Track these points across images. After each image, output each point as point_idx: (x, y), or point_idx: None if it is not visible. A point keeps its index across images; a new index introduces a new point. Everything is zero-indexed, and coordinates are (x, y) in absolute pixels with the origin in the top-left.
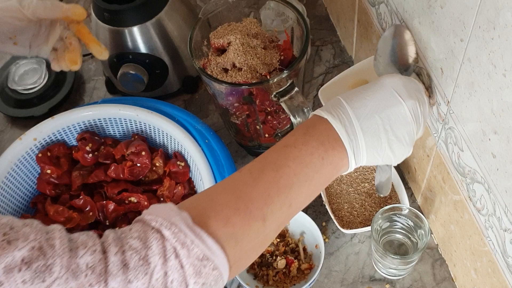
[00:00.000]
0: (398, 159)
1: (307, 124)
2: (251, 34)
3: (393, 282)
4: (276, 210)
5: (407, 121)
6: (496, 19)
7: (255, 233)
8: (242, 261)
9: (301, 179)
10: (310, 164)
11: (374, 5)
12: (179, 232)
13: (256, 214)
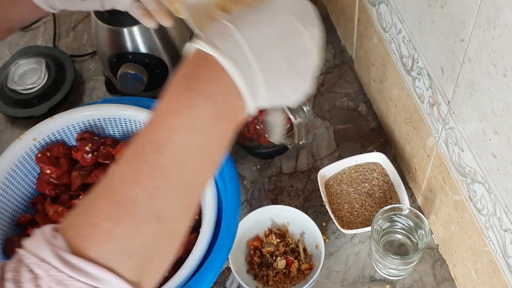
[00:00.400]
0: (299, 97)
1: (189, 70)
2: None
3: (393, 282)
4: (169, 199)
5: (308, 53)
6: (496, 19)
7: (151, 237)
8: (154, 269)
9: (193, 152)
10: (201, 131)
11: (375, 4)
12: (52, 269)
13: (144, 215)
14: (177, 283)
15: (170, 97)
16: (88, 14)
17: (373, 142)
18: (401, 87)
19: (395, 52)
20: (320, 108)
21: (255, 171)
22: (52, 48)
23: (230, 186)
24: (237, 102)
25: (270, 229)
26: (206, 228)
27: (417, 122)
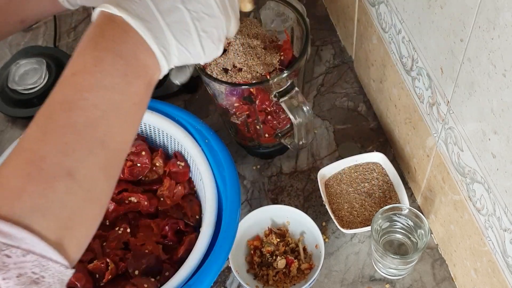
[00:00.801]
0: (208, 57)
1: (95, 30)
2: (251, 34)
3: (393, 282)
4: (84, 157)
5: (214, 14)
6: (496, 19)
7: (66, 194)
8: (77, 232)
9: (106, 108)
10: (112, 88)
11: (374, 5)
12: None
13: (55, 171)
14: (177, 283)
15: (77, 58)
16: (88, 14)
17: (373, 142)
18: (400, 87)
19: (395, 52)
20: (320, 108)
21: (255, 171)
22: (53, 48)
23: (230, 186)
24: (149, 60)
25: (270, 229)
26: (206, 228)
27: (417, 122)
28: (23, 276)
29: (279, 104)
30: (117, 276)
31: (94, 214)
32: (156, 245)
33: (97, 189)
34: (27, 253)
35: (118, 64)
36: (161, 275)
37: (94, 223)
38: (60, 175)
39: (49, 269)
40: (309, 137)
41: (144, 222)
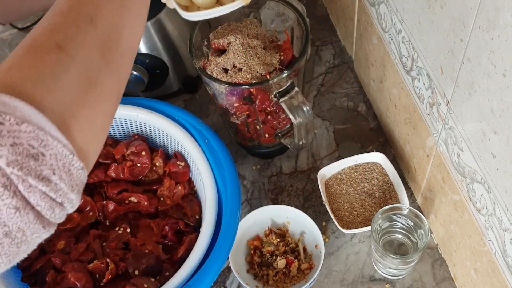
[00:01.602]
0: None
1: None
2: (251, 34)
3: (393, 282)
4: (72, 32)
5: None
6: (496, 19)
7: (57, 65)
8: (77, 111)
9: None
10: None
11: (374, 5)
12: None
13: (43, 46)
14: (177, 283)
15: None
16: None
17: (373, 142)
18: (400, 87)
19: (395, 52)
20: (320, 108)
21: (255, 171)
22: None
23: (230, 186)
24: None
25: (270, 229)
26: (206, 228)
27: (417, 122)
28: (19, 146)
29: (279, 104)
30: (117, 276)
31: (97, 100)
32: (156, 245)
33: (94, 68)
34: (22, 122)
35: None
36: (161, 275)
37: (101, 114)
38: (49, 48)
39: (49, 146)
40: (309, 137)
41: (144, 222)
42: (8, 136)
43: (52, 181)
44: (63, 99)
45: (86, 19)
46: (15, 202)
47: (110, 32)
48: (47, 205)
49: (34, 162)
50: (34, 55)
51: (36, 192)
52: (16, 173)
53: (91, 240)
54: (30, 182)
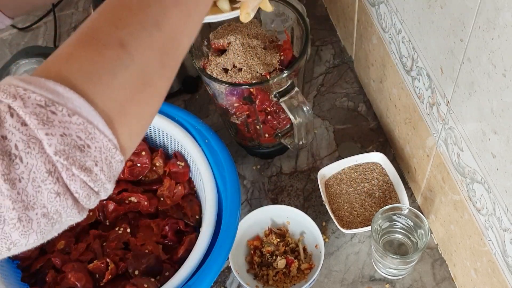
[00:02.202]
0: None
1: None
2: (251, 34)
3: (393, 282)
4: (137, 31)
5: None
6: (496, 19)
7: (116, 63)
8: (128, 109)
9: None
10: None
11: (374, 5)
12: (8, 88)
13: (106, 40)
14: (177, 283)
15: None
16: (88, 14)
17: (373, 142)
18: (400, 87)
19: (395, 52)
20: (320, 108)
21: (255, 171)
22: (53, 49)
23: (230, 186)
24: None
25: (270, 229)
26: (206, 228)
27: (417, 122)
28: (67, 137)
29: (279, 104)
30: (117, 276)
31: (148, 101)
32: (156, 245)
33: (151, 71)
34: (73, 114)
35: None
36: (161, 275)
37: (148, 113)
38: (111, 44)
39: (95, 140)
40: (309, 137)
41: (144, 222)
42: (59, 126)
43: (93, 172)
44: (116, 97)
45: (153, 22)
46: (57, 187)
47: (172, 38)
48: (85, 193)
49: (80, 153)
50: (95, 48)
51: (77, 181)
52: (62, 162)
53: (91, 240)
54: (73, 171)
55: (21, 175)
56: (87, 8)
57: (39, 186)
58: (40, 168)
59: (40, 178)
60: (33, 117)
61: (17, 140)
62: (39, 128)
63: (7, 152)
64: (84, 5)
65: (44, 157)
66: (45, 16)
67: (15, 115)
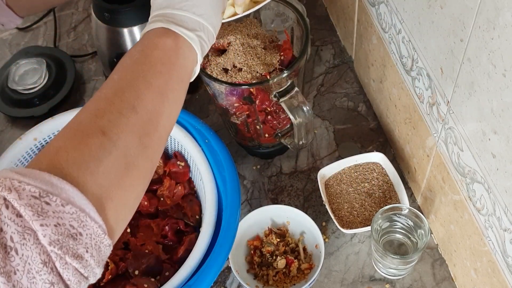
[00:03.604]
0: None
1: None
2: (251, 34)
3: (393, 282)
4: (115, 118)
5: None
6: (496, 19)
7: (100, 149)
8: (114, 193)
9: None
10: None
11: (374, 5)
12: (4, 181)
13: (89, 130)
14: (177, 283)
15: None
16: (88, 15)
17: (373, 142)
18: (400, 87)
19: (395, 52)
20: (320, 108)
21: (255, 171)
22: (53, 48)
23: (230, 186)
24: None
25: (270, 229)
26: (206, 228)
27: (417, 122)
28: (61, 226)
29: (279, 104)
30: (117, 276)
31: (132, 183)
32: (156, 245)
33: (133, 153)
34: (66, 203)
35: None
36: (161, 275)
37: (133, 197)
38: (94, 133)
39: (87, 227)
40: (309, 137)
41: (144, 222)
42: (53, 216)
43: (84, 259)
44: (103, 182)
45: (128, 107)
46: (51, 277)
47: (149, 119)
48: (76, 279)
49: (73, 241)
50: (80, 139)
51: (69, 269)
52: (56, 251)
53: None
54: (67, 260)
55: (17, 267)
56: (87, 8)
57: (33, 277)
58: (35, 259)
59: (35, 269)
60: (28, 208)
61: (12, 232)
62: (34, 219)
63: (3, 245)
64: (84, 5)
65: (39, 248)
66: (45, 16)
67: (10, 207)
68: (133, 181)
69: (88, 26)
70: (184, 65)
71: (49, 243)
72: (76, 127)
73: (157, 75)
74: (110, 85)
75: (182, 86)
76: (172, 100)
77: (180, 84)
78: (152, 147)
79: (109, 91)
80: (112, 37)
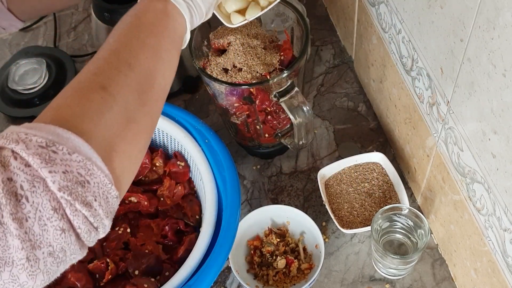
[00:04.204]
0: None
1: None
2: (251, 34)
3: (393, 282)
4: (114, 75)
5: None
6: (496, 19)
7: (101, 104)
8: (117, 146)
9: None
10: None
11: (374, 5)
12: (11, 135)
13: (89, 87)
14: (177, 282)
15: None
16: (88, 15)
17: (373, 142)
18: (400, 87)
19: (395, 52)
20: (320, 108)
21: (255, 171)
22: (53, 48)
23: (230, 186)
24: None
25: (270, 229)
26: (206, 228)
27: (417, 122)
28: (69, 173)
29: (279, 104)
30: (117, 276)
31: (134, 137)
32: (156, 245)
33: (132, 108)
34: (73, 152)
35: None
36: (161, 275)
37: (136, 150)
38: (94, 89)
39: (94, 175)
40: (309, 137)
41: (144, 222)
42: (61, 164)
43: (93, 207)
44: (107, 134)
45: (125, 64)
46: (62, 224)
47: (146, 77)
48: (86, 228)
49: (81, 188)
50: (81, 95)
51: (79, 216)
52: (66, 197)
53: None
54: (76, 206)
55: (28, 214)
56: (87, 8)
57: (45, 224)
58: (45, 205)
59: (46, 215)
60: (36, 157)
61: (22, 181)
62: (42, 167)
63: (14, 193)
64: (84, 5)
65: (49, 194)
66: (45, 16)
67: (18, 157)
68: (135, 134)
69: (88, 26)
70: (175, 27)
71: (58, 189)
72: (77, 86)
73: (150, 36)
74: (106, 47)
75: (174, 47)
76: (166, 60)
77: (172, 44)
78: (150, 105)
79: (106, 52)
80: None
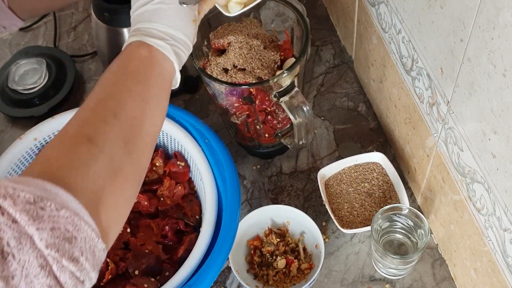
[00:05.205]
0: None
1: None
2: (251, 34)
3: (393, 282)
4: (100, 126)
5: None
6: (496, 19)
7: (88, 156)
8: (104, 198)
9: (112, 90)
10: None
11: (374, 5)
12: (0, 188)
13: (76, 138)
14: (177, 283)
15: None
16: (88, 15)
17: (373, 142)
18: (400, 87)
19: (395, 52)
20: (320, 108)
21: (255, 171)
22: (53, 48)
23: (230, 186)
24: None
25: (270, 229)
26: (206, 228)
27: (417, 122)
28: (57, 230)
29: (279, 104)
30: (117, 276)
31: (121, 188)
32: (156, 245)
33: (118, 159)
34: (61, 208)
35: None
36: (161, 275)
37: (123, 200)
38: (81, 140)
39: (81, 231)
40: (309, 137)
41: (144, 222)
42: (49, 220)
43: (79, 262)
44: (94, 187)
45: (111, 114)
46: (49, 281)
47: (132, 126)
48: (72, 283)
49: (69, 244)
50: (68, 147)
51: (66, 272)
52: (53, 255)
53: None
54: (63, 263)
55: (14, 272)
56: (87, 8)
57: (31, 281)
58: (32, 263)
59: (33, 273)
60: (23, 214)
61: (9, 238)
62: (29, 224)
63: (0, 250)
64: (84, 5)
65: (36, 251)
66: (45, 16)
67: (5, 213)
68: (121, 185)
69: (88, 26)
70: (162, 72)
71: (46, 246)
72: (64, 137)
73: (136, 83)
74: (93, 97)
75: (162, 93)
76: (154, 106)
77: (159, 90)
78: (137, 153)
79: (92, 102)
80: (112, 37)
